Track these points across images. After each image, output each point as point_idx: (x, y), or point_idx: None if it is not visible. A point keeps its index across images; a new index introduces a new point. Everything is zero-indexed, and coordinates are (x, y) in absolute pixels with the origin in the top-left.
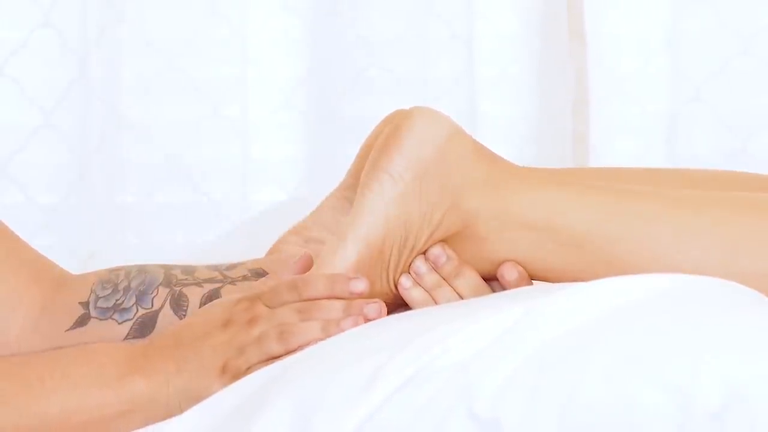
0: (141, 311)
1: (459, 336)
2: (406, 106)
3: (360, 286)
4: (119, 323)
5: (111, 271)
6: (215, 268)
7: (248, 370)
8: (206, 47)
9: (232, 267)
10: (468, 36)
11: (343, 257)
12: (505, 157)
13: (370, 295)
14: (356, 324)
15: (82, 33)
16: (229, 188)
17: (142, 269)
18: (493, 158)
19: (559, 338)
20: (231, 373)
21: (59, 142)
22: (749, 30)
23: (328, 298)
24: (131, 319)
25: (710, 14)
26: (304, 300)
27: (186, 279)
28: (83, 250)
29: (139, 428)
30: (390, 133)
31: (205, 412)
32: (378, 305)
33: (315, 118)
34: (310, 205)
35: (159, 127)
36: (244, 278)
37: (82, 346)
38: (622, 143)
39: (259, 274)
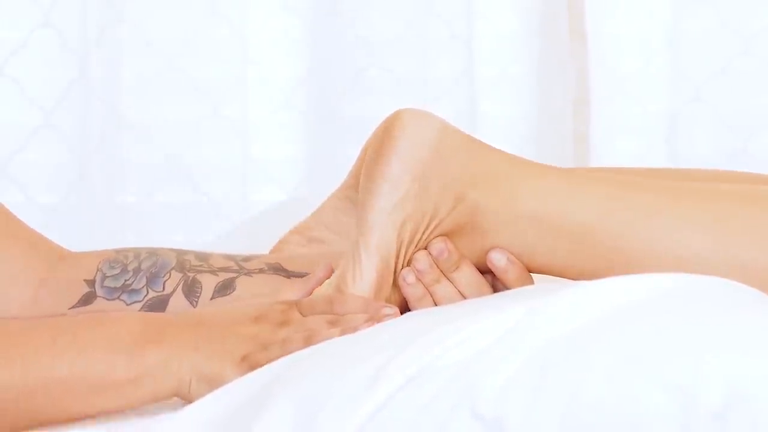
0: (152, 294)
1: (461, 335)
2: (406, 106)
3: (390, 312)
4: (127, 304)
5: (118, 251)
6: (230, 257)
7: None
8: (206, 47)
9: (248, 259)
10: (468, 36)
11: (363, 280)
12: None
13: (386, 299)
14: (370, 325)
15: (82, 33)
16: (229, 188)
17: (152, 252)
18: (488, 149)
19: (561, 338)
20: (249, 365)
21: (59, 142)
22: (750, 30)
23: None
24: (140, 301)
25: (711, 14)
26: (335, 314)
27: (200, 266)
28: (83, 250)
29: (147, 400)
30: (381, 139)
31: (207, 409)
32: (394, 314)
33: (315, 118)
34: (310, 205)
35: (159, 127)
36: (261, 271)
37: (97, 313)
38: (622, 143)
39: (276, 269)
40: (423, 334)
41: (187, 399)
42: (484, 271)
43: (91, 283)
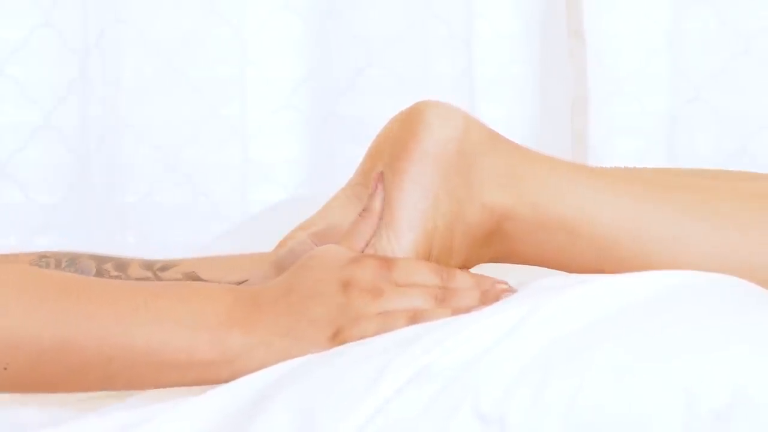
0: None
1: (464, 334)
2: (407, 106)
3: (506, 288)
4: None
5: (41, 256)
6: (149, 266)
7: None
8: (206, 47)
9: (165, 267)
10: (468, 36)
11: None
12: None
13: None
14: (482, 306)
15: (82, 33)
16: (228, 188)
17: (73, 260)
18: (511, 146)
19: (564, 337)
20: (342, 340)
21: (59, 142)
22: (749, 30)
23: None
24: None
25: (711, 14)
26: (439, 287)
27: (119, 276)
28: (83, 250)
29: (227, 381)
30: (405, 133)
31: (204, 411)
32: (510, 290)
33: (315, 118)
34: (310, 204)
35: (159, 127)
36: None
37: (184, 284)
38: (622, 143)
39: (192, 278)
40: (427, 333)
41: None
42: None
43: None
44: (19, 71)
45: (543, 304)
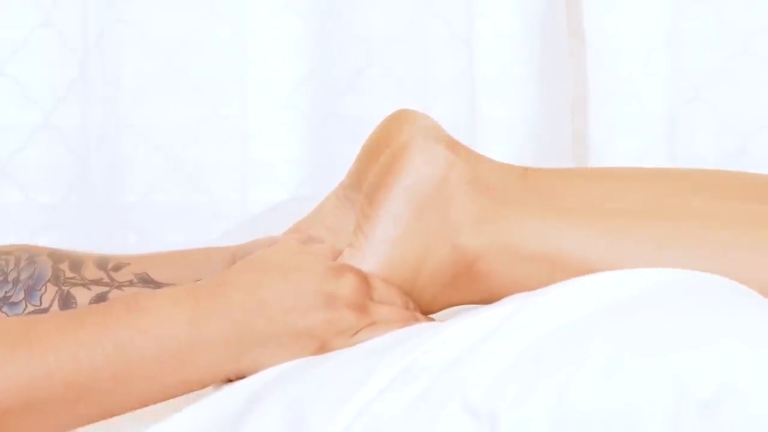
0: (30, 308)
1: (451, 331)
2: (406, 106)
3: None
4: (8, 316)
5: (2, 253)
6: (102, 264)
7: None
8: (206, 47)
9: (118, 267)
10: (468, 36)
11: None
12: (504, 160)
13: None
14: None
15: (82, 33)
16: (229, 188)
17: (31, 258)
18: (488, 186)
19: (553, 332)
20: (329, 350)
21: (59, 142)
22: (749, 30)
23: None
24: (20, 314)
25: (710, 14)
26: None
27: (74, 278)
28: (83, 249)
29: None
30: (387, 167)
31: (199, 413)
32: None
33: (315, 117)
34: (310, 205)
35: (159, 127)
36: (131, 284)
37: (131, 306)
38: (622, 143)
39: (145, 281)
40: (412, 336)
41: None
42: None
43: None
44: (19, 71)
45: (530, 301)
